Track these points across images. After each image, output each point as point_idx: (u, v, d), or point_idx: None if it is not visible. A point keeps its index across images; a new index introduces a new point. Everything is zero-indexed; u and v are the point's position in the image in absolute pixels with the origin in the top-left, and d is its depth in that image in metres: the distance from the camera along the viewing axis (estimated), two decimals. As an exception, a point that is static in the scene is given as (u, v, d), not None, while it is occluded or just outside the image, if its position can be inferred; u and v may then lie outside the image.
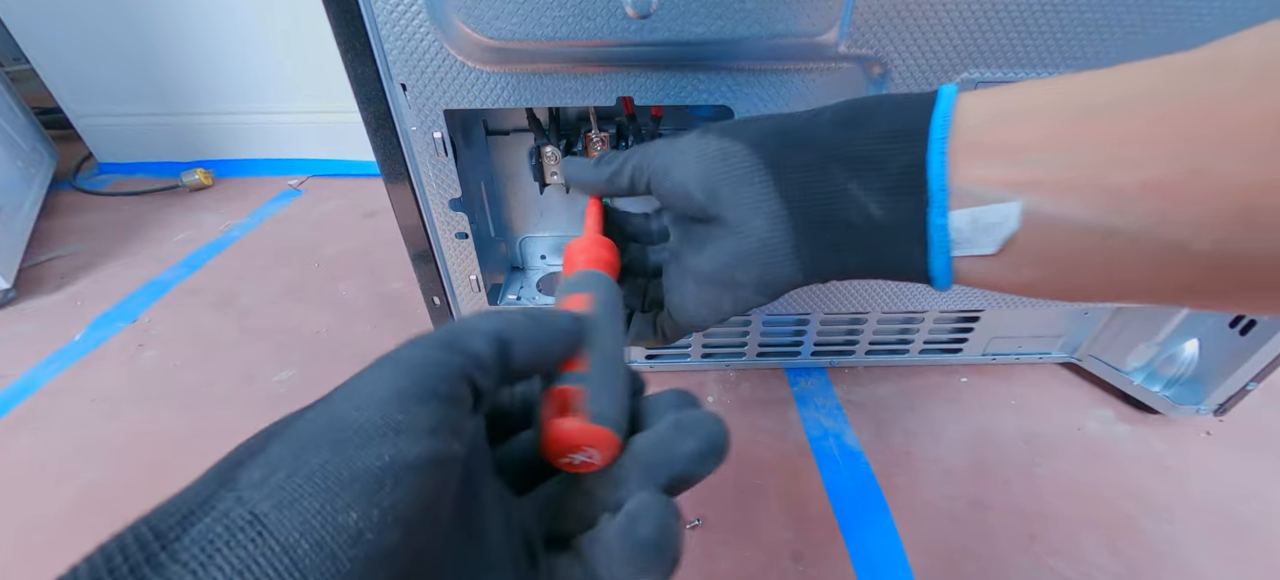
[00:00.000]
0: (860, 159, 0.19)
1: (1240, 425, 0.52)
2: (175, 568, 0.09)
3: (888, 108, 0.20)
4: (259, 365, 0.63)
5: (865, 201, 0.19)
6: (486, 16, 0.34)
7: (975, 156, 0.17)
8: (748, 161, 0.22)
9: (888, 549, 0.43)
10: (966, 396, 0.56)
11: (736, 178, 0.22)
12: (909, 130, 0.18)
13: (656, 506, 0.15)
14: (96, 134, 1.18)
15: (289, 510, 0.10)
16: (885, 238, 0.19)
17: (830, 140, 0.20)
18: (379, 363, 0.14)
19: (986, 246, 0.18)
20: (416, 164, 0.41)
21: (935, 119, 0.18)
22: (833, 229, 0.20)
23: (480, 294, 0.49)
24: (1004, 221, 0.17)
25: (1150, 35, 0.34)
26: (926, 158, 0.18)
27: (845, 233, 0.20)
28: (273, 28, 1.02)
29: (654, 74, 0.37)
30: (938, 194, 0.18)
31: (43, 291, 0.79)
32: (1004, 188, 0.17)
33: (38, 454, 0.53)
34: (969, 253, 0.18)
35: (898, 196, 0.19)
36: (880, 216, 0.19)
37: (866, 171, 0.19)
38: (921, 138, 0.18)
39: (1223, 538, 0.44)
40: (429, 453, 0.12)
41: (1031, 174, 0.16)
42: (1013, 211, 0.17)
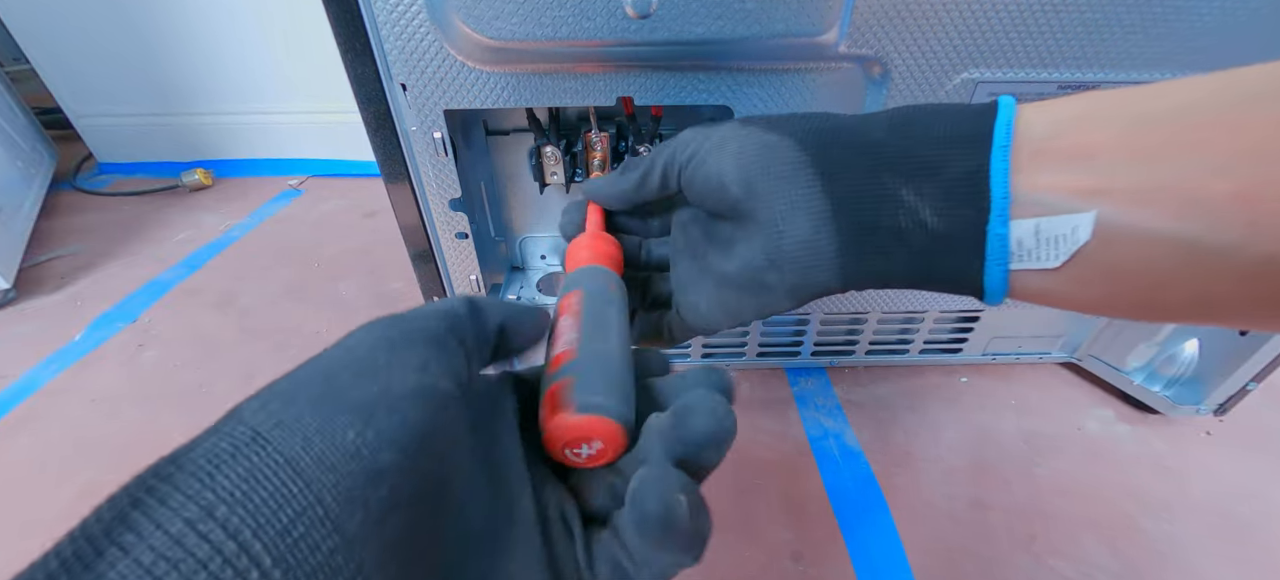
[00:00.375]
0: (916, 163, 0.18)
1: (1240, 425, 0.52)
2: (183, 477, 0.10)
3: (946, 114, 0.19)
4: (259, 365, 0.63)
5: (918, 207, 0.18)
6: (486, 16, 0.34)
7: (1041, 163, 0.16)
8: (794, 157, 0.20)
9: (888, 549, 0.43)
10: (966, 396, 0.56)
11: (779, 173, 0.20)
12: (969, 136, 0.18)
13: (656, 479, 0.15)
14: (96, 134, 1.18)
15: (289, 429, 0.11)
16: (939, 247, 0.18)
17: (884, 143, 0.19)
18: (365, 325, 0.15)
19: (1051, 260, 0.16)
20: (416, 164, 0.41)
21: (999, 125, 0.17)
22: (882, 235, 0.19)
23: (480, 294, 0.49)
24: (1073, 232, 0.16)
25: (1150, 35, 0.35)
26: (989, 163, 0.17)
27: (895, 240, 0.19)
28: (272, 28, 1.02)
29: (654, 74, 0.37)
30: (1000, 201, 0.17)
31: (43, 291, 0.79)
32: (1073, 195, 0.16)
33: (38, 454, 0.53)
34: (1030, 266, 0.17)
35: (955, 203, 0.18)
36: (935, 224, 0.18)
37: (922, 177, 0.18)
38: (983, 143, 0.17)
39: (1223, 538, 0.44)
40: (417, 385, 0.13)
41: (1102, 181, 0.15)
42: (1084, 222, 0.15)
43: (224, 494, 0.10)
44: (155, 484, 0.10)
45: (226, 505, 0.10)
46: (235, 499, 0.10)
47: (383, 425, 0.12)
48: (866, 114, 0.21)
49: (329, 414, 0.12)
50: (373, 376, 0.13)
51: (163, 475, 0.10)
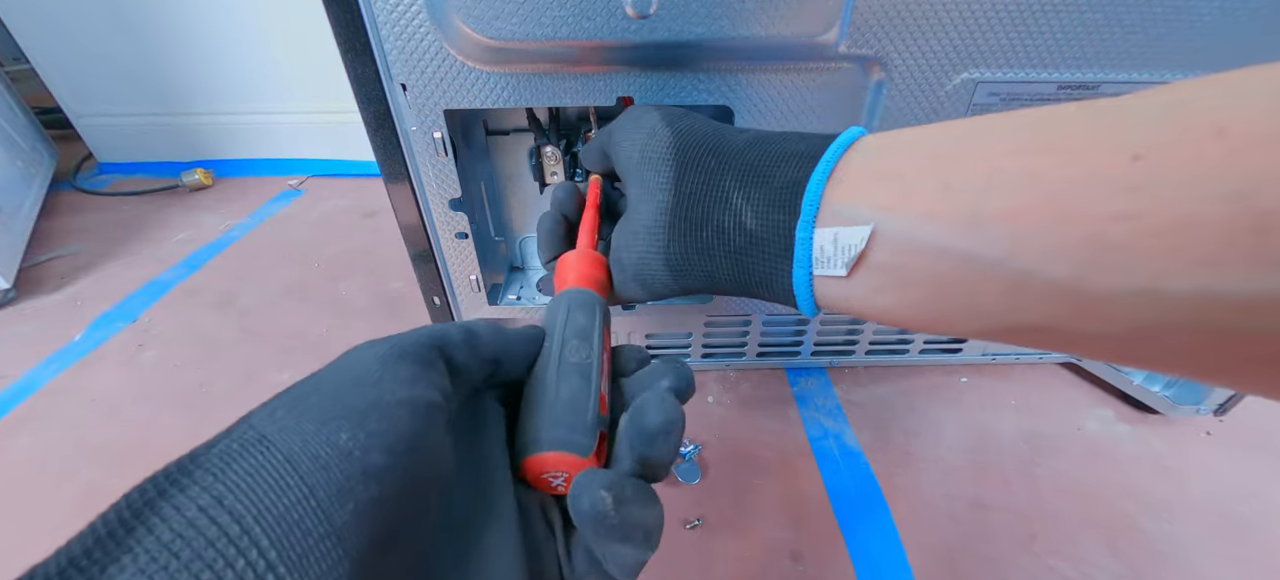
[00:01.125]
0: (752, 172, 0.20)
1: (1240, 425, 0.52)
2: (200, 472, 0.12)
3: (794, 136, 0.20)
4: (259, 365, 0.63)
5: (742, 210, 0.20)
6: (486, 16, 0.34)
7: (856, 181, 0.18)
8: (664, 148, 0.22)
9: (888, 549, 0.43)
10: (966, 396, 0.56)
11: (651, 160, 0.22)
12: (806, 154, 0.19)
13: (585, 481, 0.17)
14: (96, 134, 1.18)
15: (290, 432, 0.13)
16: (754, 248, 0.20)
17: (735, 152, 0.21)
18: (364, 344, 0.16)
19: (840, 267, 0.18)
20: (416, 164, 0.41)
21: (830, 146, 0.19)
22: (706, 232, 0.21)
23: (480, 294, 0.49)
24: (859, 240, 0.17)
25: (1150, 35, 0.35)
26: (810, 176, 0.19)
27: (717, 237, 0.21)
28: (272, 28, 1.02)
29: (654, 74, 0.37)
30: (808, 208, 0.18)
31: (43, 291, 0.79)
32: (872, 209, 0.17)
33: (38, 454, 0.53)
34: (827, 272, 0.18)
35: (773, 208, 0.19)
36: (752, 226, 0.20)
37: (753, 184, 0.20)
38: (812, 160, 0.19)
39: (1223, 538, 0.44)
40: (407, 396, 0.15)
41: (901, 197, 0.17)
42: (863, 231, 0.17)
43: (231, 485, 0.12)
44: (177, 476, 0.12)
45: (233, 495, 0.12)
46: (241, 490, 0.12)
47: (374, 429, 0.13)
48: (746, 129, 0.23)
49: (326, 419, 0.13)
50: (367, 387, 0.14)
51: (184, 470, 0.12)
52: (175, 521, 0.11)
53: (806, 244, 0.19)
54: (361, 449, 0.13)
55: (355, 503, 0.12)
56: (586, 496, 0.17)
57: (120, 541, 0.11)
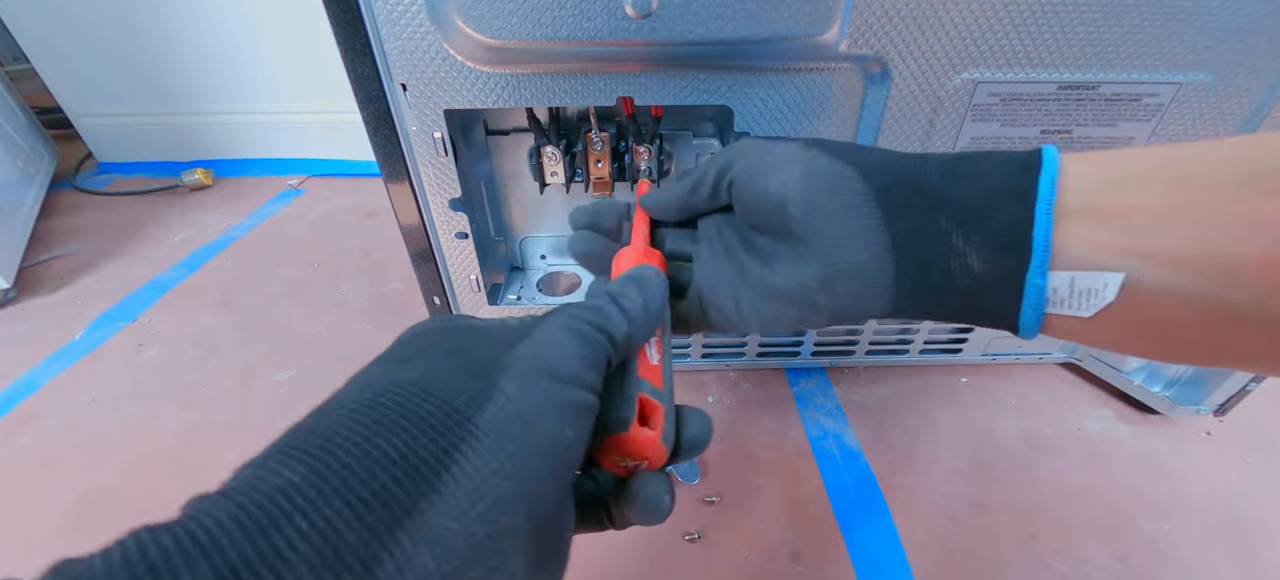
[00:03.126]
0: (967, 211, 0.20)
1: (1240, 425, 0.52)
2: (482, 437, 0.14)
3: (993, 163, 0.20)
4: (259, 365, 0.63)
5: (967, 252, 0.20)
6: (486, 16, 0.34)
7: (1082, 220, 0.18)
8: (860, 189, 0.21)
9: (888, 549, 0.43)
10: (966, 396, 0.56)
11: (845, 201, 0.22)
12: (1016, 190, 0.19)
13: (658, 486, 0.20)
14: (96, 134, 1.18)
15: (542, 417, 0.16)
16: (983, 290, 0.20)
17: (939, 187, 0.20)
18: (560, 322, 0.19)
19: (1083, 309, 0.18)
20: (416, 164, 0.41)
21: (1043, 182, 0.18)
22: (934, 273, 0.21)
23: (480, 294, 0.49)
24: (1104, 288, 0.17)
25: (1151, 35, 0.35)
26: (1033, 217, 0.18)
27: (945, 279, 0.21)
28: (273, 28, 1.02)
29: (654, 74, 0.37)
30: (1040, 253, 0.18)
31: (43, 291, 0.79)
32: (1109, 254, 0.17)
33: (38, 454, 0.53)
34: (1062, 312, 0.18)
35: (1000, 252, 0.19)
36: (980, 270, 0.20)
37: (971, 224, 0.20)
38: (1027, 199, 0.18)
39: (1223, 538, 0.44)
40: (593, 403, 0.18)
41: (1140, 243, 0.16)
42: (1114, 280, 0.17)
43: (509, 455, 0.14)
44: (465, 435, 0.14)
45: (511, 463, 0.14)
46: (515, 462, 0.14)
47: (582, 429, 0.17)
48: (919, 155, 0.22)
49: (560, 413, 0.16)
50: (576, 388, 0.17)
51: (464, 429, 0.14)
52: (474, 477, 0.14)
53: (1040, 290, 0.18)
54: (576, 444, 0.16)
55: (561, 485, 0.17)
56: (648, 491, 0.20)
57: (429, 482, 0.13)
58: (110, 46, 1.06)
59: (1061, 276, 0.18)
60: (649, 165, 0.45)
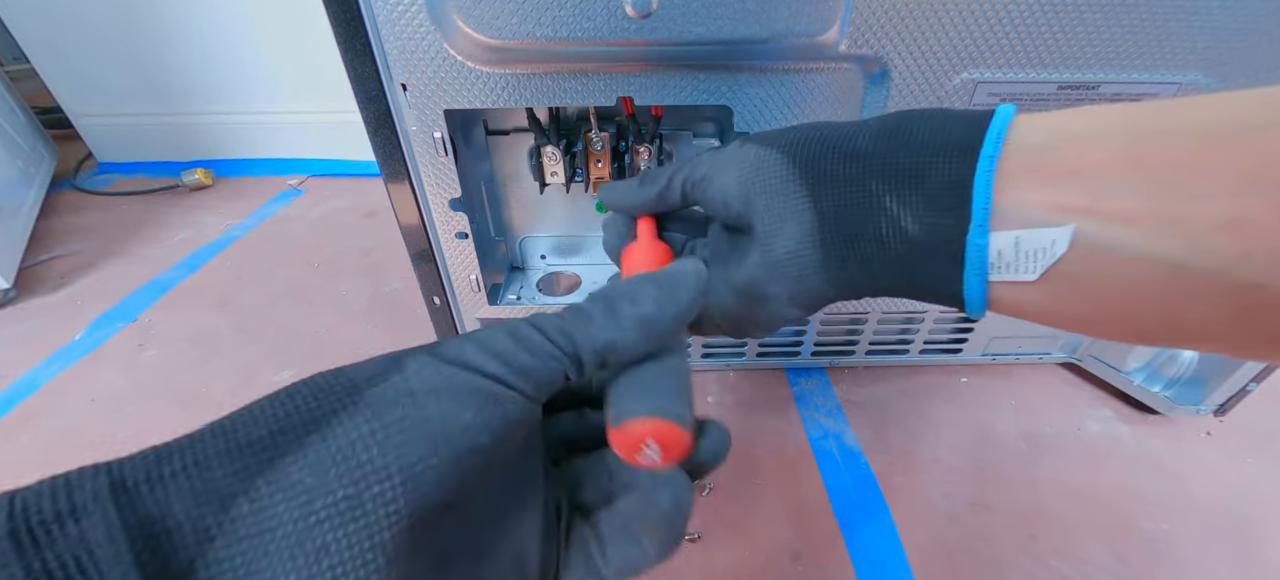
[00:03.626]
0: (901, 172, 0.18)
1: (1240, 425, 0.52)
2: (362, 407, 0.14)
3: (936, 121, 0.19)
4: (259, 365, 0.63)
5: (900, 216, 0.18)
6: (486, 16, 0.34)
7: (1028, 177, 0.16)
8: (783, 170, 0.21)
9: (888, 549, 0.43)
10: (966, 396, 0.56)
11: (772, 187, 0.21)
12: (957, 145, 0.18)
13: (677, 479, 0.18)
14: (96, 134, 1.18)
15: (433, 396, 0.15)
16: (920, 256, 0.19)
17: (871, 151, 0.19)
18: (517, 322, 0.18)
19: (1029, 273, 0.17)
20: (416, 164, 0.41)
21: (988, 136, 0.17)
22: (865, 243, 0.20)
23: (480, 294, 0.49)
24: (1051, 246, 0.16)
25: (1151, 35, 0.35)
26: (974, 174, 0.17)
27: (877, 248, 0.19)
28: (273, 28, 1.02)
29: (654, 74, 0.37)
30: (980, 212, 0.17)
31: (43, 291, 0.79)
32: (1056, 211, 0.16)
33: (38, 454, 0.53)
34: (1008, 278, 0.17)
35: (937, 213, 0.18)
36: (916, 233, 0.18)
37: (906, 185, 0.18)
38: (970, 154, 0.17)
39: (1223, 538, 0.44)
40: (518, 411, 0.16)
41: (1088, 200, 0.15)
42: (1062, 235, 0.16)
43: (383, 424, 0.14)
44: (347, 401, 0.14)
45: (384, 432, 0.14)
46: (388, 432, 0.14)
47: (489, 416, 0.16)
48: (859, 122, 0.21)
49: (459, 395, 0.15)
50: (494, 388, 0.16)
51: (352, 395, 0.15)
52: (341, 439, 0.14)
53: (982, 250, 0.17)
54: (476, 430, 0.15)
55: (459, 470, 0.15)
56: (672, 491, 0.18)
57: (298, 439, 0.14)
58: (110, 46, 1.06)
59: (1005, 236, 0.17)
60: (649, 165, 0.45)
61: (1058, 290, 0.16)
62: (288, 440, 0.13)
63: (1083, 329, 0.18)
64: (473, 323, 0.52)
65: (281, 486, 0.13)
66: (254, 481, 0.13)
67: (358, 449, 0.14)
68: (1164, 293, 0.15)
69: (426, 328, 0.51)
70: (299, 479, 0.13)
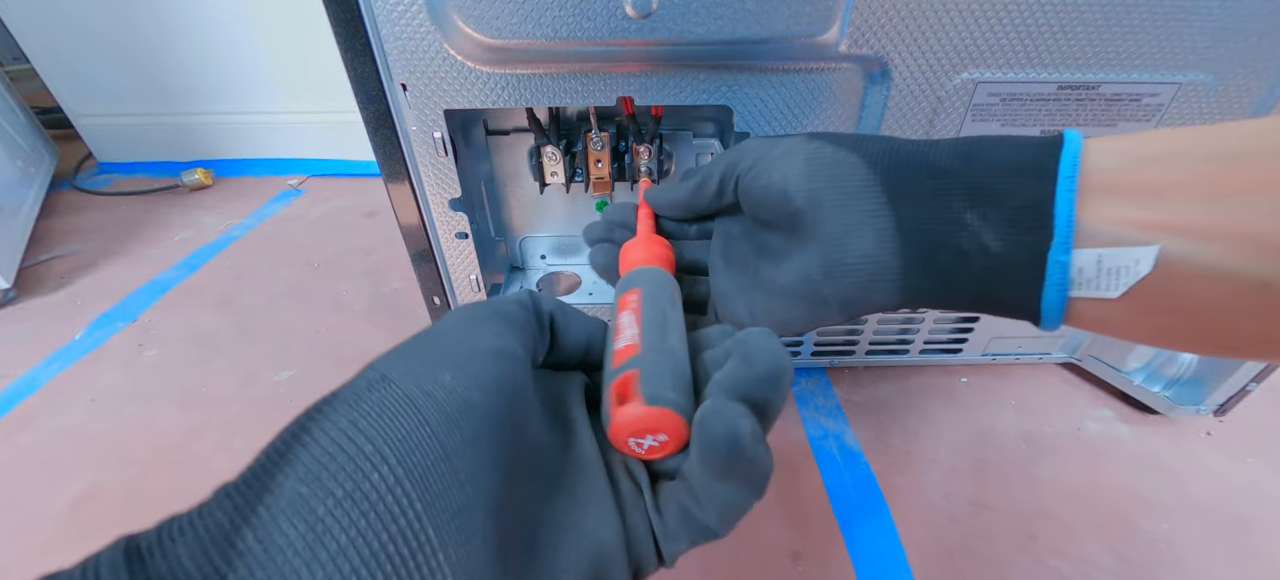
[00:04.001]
0: (981, 191, 0.19)
1: (1240, 425, 0.52)
2: (338, 404, 0.14)
3: (1011, 145, 0.19)
4: (259, 365, 0.63)
5: (981, 232, 0.19)
6: (486, 16, 0.34)
7: (1108, 196, 0.17)
8: (863, 174, 0.21)
9: (888, 549, 0.43)
10: (966, 396, 0.56)
11: (847, 188, 0.21)
12: (1034, 167, 0.18)
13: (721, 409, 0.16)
14: (96, 134, 1.18)
15: (406, 374, 0.15)
16: (1001, 272, 0.19)
17: (950, 169, 0.20)
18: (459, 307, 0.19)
19: (1111, 290, 0.17)
20: (416, 164, 0.41)
21: (1065, 157, 0.18)
22: (945, 256, 0.20)
23: (480, 294, 0.49)
24: (1135, 264, 0.16)
25: (1151, 35, 0.35)
26: (1054, 193, 0.17)
27: (958, 261, 0.19)
28: (273, 28, 1.02)
29: (654, 74, 0.37)
30: (1063, 230, 0.17)
31: (43, 291, 0.79)
32: (1140, 229, 0.16)
33: (38, 454, 0.53)
34: (1090, 294, 0.17)
35: (1018, 230, 0.18)
36: (997, 249, 0.18)
37: (986, 204, 0.19)
38: (1048, 175, 0.18)
39: (1223, 538, 0.44)
40: (494, 346, 0.17)
41: (1171, 217, 0.15)
42: (1147, 255, 0.16)
43: (363, 413, 0.14)
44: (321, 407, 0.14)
45: (366, 420, 0.14)
46: (371, 418, 0.14)
47: (470, 372, 0.15)
48: (929, 141, 0.21)
49: (433, 364, 0.15)
50: (463, 340, 0.17)
51: (325, 402, 0.15)
52: (324, 440, 0.13)
53: (1064, 267, 0.17)
54: (463, 386, 0.15)
55: (460, 431, 0.14)
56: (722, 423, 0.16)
57: (283, 456, 0.13)
58: (110, 46, 1.06)
59: (1087, 254, 0.17)
60: (649, 165, 0.45)
61: (1141, 306, 0.17)
62: (274, 462, 0.13)
63: (1165, 343, 0.18)
64: (473, 323, 0.52)
65: (283, 508, 0.12)
66: (254, 510, 0.12)
67: (343, 443, 0.13)
68: (1252, 308, 0.15)
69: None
70: (294, 490, 0.13)
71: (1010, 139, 0.20)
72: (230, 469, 0.13)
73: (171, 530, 0.12)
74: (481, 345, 0.16)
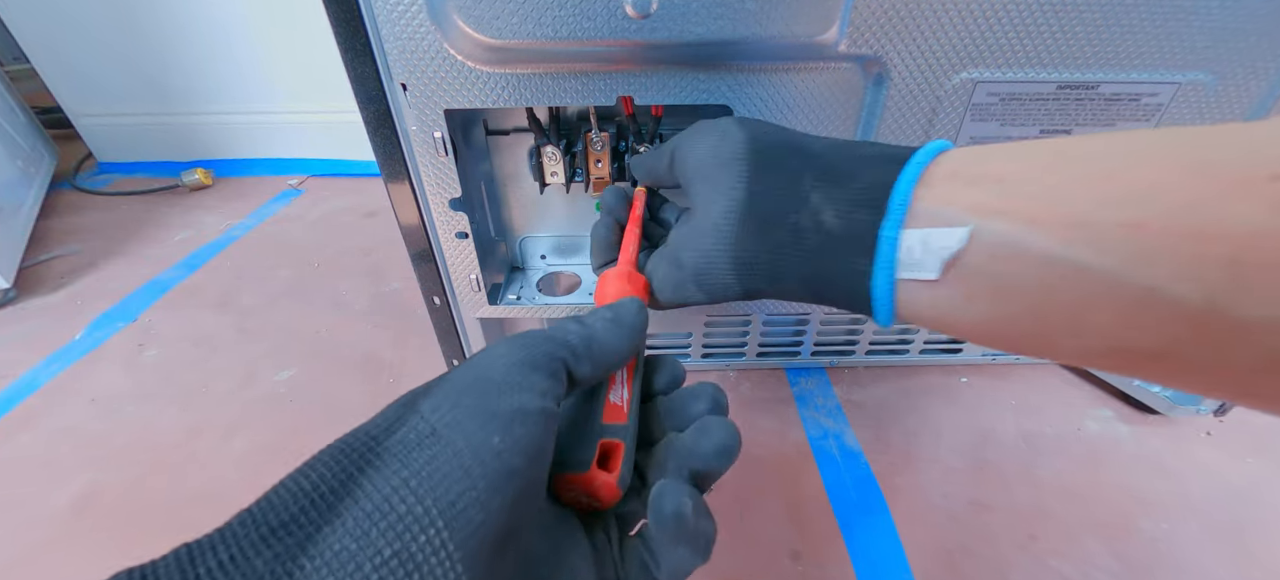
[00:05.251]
0: (835, 172, 0.20)
1: (1240, 425, 0.52)
2: (387, 457, 0.14)
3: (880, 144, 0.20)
4: (259, 365, 0.63)
5: (821, 208, 0.19)
6: (486, 16, 0.34)
7: (950, 182, 0.17)
8: (738, 145, 0.22)
9: (888, 549, 0.43)
10: (966, 396, 0.56)
11: (723, 157, 0.22)
12: (891, 157, 0.19)
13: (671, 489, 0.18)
14: (96, 134, 1.18)
15: (456, 429, 0.15)
16: (832, 249, 0.19)
17: (815, 153, 0.20)
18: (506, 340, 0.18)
19: (931, 271, 0.17)
20: (416, 164, 0.41)
21: (924, 149, 0.18)
22: (779, 231, 0.20)
23: (480, 294, 0.49)
24: (953, 241, 0.16)
25: (1151, 35, 0.35)
26: (898, 176, 0.18)
27: (792, 237, 0.20)
28: (273, 28, 1.02)
29: (654, 74, 0.37)
30: (896, 207, 0.18)
31: (43, 291, 0.79)
32: (969, 212, 0.16)
33: (38, 454, 0.53)
34: (914, 275, 0.17)
35: (856, 207, 0.19)
36: (832, 225, 0.19)
37: (835, 183, 0.19)
38: (899, 163, 0.18)
39: (1223, 538, 0.44)
40: (538, 406, 0.17)
41: (1003, 203, 0.16)
42: (962, 233, 0.16)
43: (414, 472, 0.14)
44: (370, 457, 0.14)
45: (416, 480, 0.14)
46: (422, 478, 0.14)
47: (517, 434, 0.16)
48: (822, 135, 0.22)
49: (483, 419, 0.15)
50: (512, 392, 0.16)
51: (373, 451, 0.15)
52: (374, 497, 0.13)
53: (892, 244, 0.18)
54: (508, 452, 0.15)
55: (502, 496, 0.15)
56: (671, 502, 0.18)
57: (331, 507, 0.13)
58: (110, 46, 1.06)
59: (914, 234, 0.17)
60: (649, 165, 0.45)
61: (967, 292, 0.17)
62: (320, 512, 0.13)
63: (989, 340, 0.18)
64: (473, 323, 0.52)
65: (326, 561, 0.12)
66: (298, 561, 0.12)
67: (394, 502, 0.13)
68: (1070, 294, 0.15)
69: (426, 328, 0.52)
70: (342, 547, 0.13)
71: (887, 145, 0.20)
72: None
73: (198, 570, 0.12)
74: (530, 404, 0.16)
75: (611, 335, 0.20)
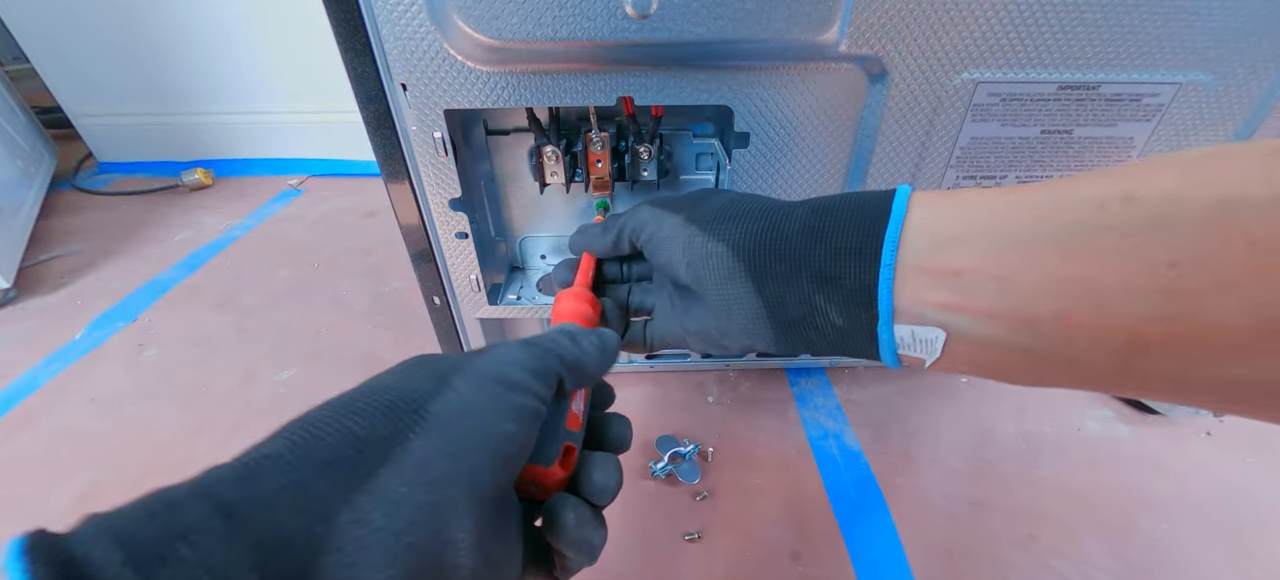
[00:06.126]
0: (824, 276, 0.23)
1: (1240, 425, 0.52)
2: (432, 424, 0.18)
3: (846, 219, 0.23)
4: (259, 365, 0.63)
5: (827, 309, 0.23)
6: (486, 16, 0.34)
7: (917, 279, 0.21)
8: (729, 264, 0.25)
9: (888, 549, 0.43)
10: (966, 396, 0.56)
11: (720, 276, 0.26)
12: (863, 250, 0.22)
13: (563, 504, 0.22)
14: (96, 134, 1.18)
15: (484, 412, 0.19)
16: (847, 337, 0.24)
17: (799, 252, 0.24)
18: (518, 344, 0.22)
19: (925, 356, 0.21)
20: (416, 164, 0.41)
21: (886, 242, 0.21)
22: (806, 329, 0.25)
23: (480, 294, 0.49)
24: (935, 340, 0.21)
25: (1151, 35, 0.35)
26: (877, 279, 0.21)
27: (815, 332, 0.24)
28: (273, 28, 1.02)
29: (654, 74, 0.37)
30: (884, 312, 0.21)
31: (43, 291, 0.79)
32: (938, 309, 0.20)
33: (38, 453, 0.53)
34: (913, 355, 0.22)
35: (853, 308, 0.23)
36: (841, 323, 0.23)
37: (830, 287, 0.23)
38: (873, 258, 0.22)
39: (1222, 538, 0.44)
40: (536, 407, 0.20)
41: (961, 299, 0.20)
42: (938, 336, 0.20)
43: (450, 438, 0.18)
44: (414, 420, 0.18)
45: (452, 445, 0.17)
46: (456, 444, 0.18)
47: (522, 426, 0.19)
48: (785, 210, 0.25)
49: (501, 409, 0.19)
50: (522, 391, 0.20)
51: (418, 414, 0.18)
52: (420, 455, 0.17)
53: (889, 340, 0.22)
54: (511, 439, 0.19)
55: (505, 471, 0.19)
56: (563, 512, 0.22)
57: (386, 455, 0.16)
58: (110, 46, 1.06)
59: (904, 329, 0.21)
60: (649, 165, 0.45)
61: (949, 363, 0.21)
62: (376, 456, 0.16)
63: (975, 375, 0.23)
64: (473, 323, 0.52)
65: (379, 500, 0.15)
66: (352, 495, 0.15)
67: (434, 461, 0.17)
68: (1025, 368, 0.19)
69: (426, 327, 0.52)
70: (392, 490, 0.16)
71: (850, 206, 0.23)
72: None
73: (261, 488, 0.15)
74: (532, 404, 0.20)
75: (595, 360, 0.25)
